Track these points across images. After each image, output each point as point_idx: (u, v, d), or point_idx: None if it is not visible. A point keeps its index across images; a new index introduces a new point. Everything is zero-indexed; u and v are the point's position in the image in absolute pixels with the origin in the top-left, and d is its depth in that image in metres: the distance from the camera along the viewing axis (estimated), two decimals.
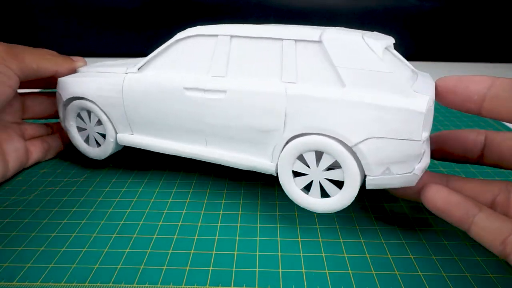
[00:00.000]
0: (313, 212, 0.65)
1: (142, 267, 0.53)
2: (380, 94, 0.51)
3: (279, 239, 0.59)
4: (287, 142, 0.57)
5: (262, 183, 0.74)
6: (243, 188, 0.72)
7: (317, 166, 0.56)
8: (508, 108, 0.50)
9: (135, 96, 0.67)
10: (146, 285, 0.50)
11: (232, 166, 0.66)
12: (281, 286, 0.50)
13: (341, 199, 0.55)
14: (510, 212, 0.52)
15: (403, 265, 0.54)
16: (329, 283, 0.51)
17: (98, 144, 0.76)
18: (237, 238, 0.59)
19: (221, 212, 0.65)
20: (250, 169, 0.62)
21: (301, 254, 0.56)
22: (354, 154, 0.53)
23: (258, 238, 0.59)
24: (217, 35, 0.61)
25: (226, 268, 0.53)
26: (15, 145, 0.74)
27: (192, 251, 0.56)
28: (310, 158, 0.56)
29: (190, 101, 0.62)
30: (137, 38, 1.82)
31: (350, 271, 0.53)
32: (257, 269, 0.53)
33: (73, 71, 0.77)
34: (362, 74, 0.52)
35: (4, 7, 1.75)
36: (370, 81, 0.52)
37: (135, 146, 0.71)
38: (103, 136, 0.75)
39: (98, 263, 0.54)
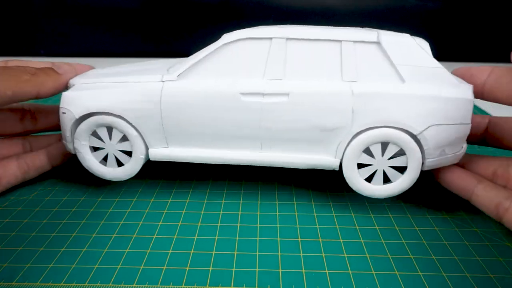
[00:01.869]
0: (312, 213, 0.65)
1: (142, 267, 0.53)
2: (435, 87, 0.59)
3: (279, 239, 0.59)
4: (352, 138, 0.60)
5: (262, 183, 0.74)
6: (243, 188, 0.72)
7: (382, 156, 0.61)
8: (503, 92, 0.58)
9: (177, 106, 0.61)
10: (146, 285, 0.50)
11: (289, 167, 0.66)
12: (281, 286, 0.50)
13: (402, 183, 0.62)
14: (509, 184, 0.60)
15: (403, 265, 0.54)
16: (329, 283, 0.51)
17: (119, 164, 0.68)
18: (237, 238, 0.59)
19: (221, 212, 0.65)
20: (309, 168, 0.64)
21: (301, 254, 0.56)
22: (418, 141, 0.60)
23: (258, 238, 0.59)
24: (271, 38, 0.61)
25: (226, 268, 0.53)
26: None
27: (192, 251, 0.56)
28: (376, 149, 0.61)
29: (247, 107, 0.60)
30: (137, 38, 1.82)
31: (350, 271, 0.53)
32: (257, 269, 0.53)
33: (61, 86, 0.66)
34: (418, 70, 0.60)
35: (4, 7, 1.75)
36: (425, 76, 0.59)
37: (170, 160, 0.66)
38: (127, 153, 0.67)
39: (98, 263, 0.54)
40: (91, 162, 0.66)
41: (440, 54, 1.83)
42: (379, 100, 0.58)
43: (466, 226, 0.62)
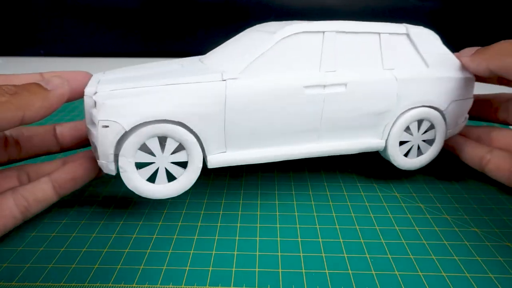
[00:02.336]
0: (312, 213, 0.65)
1: (142, 267, 0.53)
2: (451, 69, 0.69)
3: (279, 239, 0.59)
4: (396, 119, 0.67)
5: (262, 183, 0.74)
6: (243, 188, 0.72)
7: (418, 132, 0.70)
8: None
9: (243, 105, 0.58)
10: (146, 285, 0.50)
11: (343, 154, 0.68)
12: (281, 286, 0.50)
13: (432, 153, 0.72)
14: (491, 145, 0.73)
15: (403, 265, 0.54)
16: (329, 283, 0.51)
17: (170, 178, 0.60)
18: (237, 238, 0.59)
19: (221, 212, 0.65)
20: (360, 151, 0.68)
21: (301, 254, 0.56)
22: (443, 116, 0.70)
23: (258, 238, 0.59)
24: (323, 32, 0.62)
25: (226, 268, 0.53)
26: None
27: (192, 251, 0.56)
28: (414, 127, 0.69)
29: (310, 100, 0.61)
30: (137, 38, 1.82)
31: (350, 271, 0.53)
32: (257, 269, 0.53)
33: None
34: (437, 57, 0.69)
35: (4, 6, 1.75)
36: (441, 61, 0.69)
37: (227, 165, 0.61)
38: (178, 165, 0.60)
39: (98, 263, 0.54)
40: (139, 181, 0.57)
41: None
42: (415, 84, 0.66)
43: (466, 226, 0.62)
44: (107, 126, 0.54)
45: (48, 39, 1.82)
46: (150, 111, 0.54)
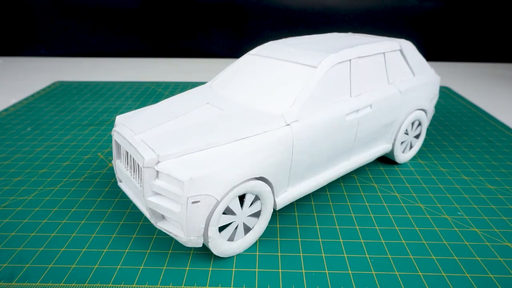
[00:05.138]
0: (312, 213, 0.65)
1: (141, 267, 0.53)
2: (427, 74, 0.82)
3: (279, 239, 0.59)
4: (400, 125, 0.76)
5: None
6: None
7: (412, 130, 0.81)
8: None
9: (305, 145, 0.59)
10: (146, 285, 0.50)
11: (365, 164, 0.77)
12: (281, 286, 0.50)
13: (418, 146, 0.84)
14: None
15: (403, 265, 0.54)
16: (329, 283, 0.51)
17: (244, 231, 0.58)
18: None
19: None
20: (375, 158, 0.76)
21: (301, 254, 0.56)
22: (426, 113, 0.82)
23: (258, 238, 0.59)
24: (350, 60, 0.67)
25: (226, 269, 0.53)
26: None
27: (192, 251, 0.56)
28: (409, 128, 0.80)
29: (349, 125, 0.65)
30: (137, 38, 1.82)
31: (350, 271, 0.53)
32: (257, 269, 0.53)
33: None
34: (418, 65, 0.80)
35: (3, 6, 1.75)
36: (421, 68, 0.81)
37: (287, 204, 0.61)
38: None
39: (98, 263, 0.54)
40: (224, 245, 0.54)
41: (440, 54, 1.83)
42: (410, 92, 0.76)
43: (466, 226, 0.62)
44: (198, 201, 0.49)
45: (49, 38, 1.82)
46: (236, 174, 0.51)
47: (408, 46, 0.79)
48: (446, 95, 1.30)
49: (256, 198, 0.56)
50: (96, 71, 1.61)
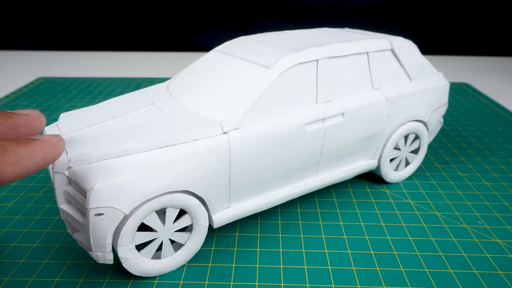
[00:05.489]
0: (315, 209, 0.70)
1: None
2: (430, 79, 0.77)
3: (280, 235, 0.64)
4: (388, 138, 0.73)
5: None
6: None
7: (405, 146, 0.76)
8: None
9: (248, 156, 0.57)
10: (144, 280, 0.56)
11: (340, 181, 0.73)
12: (282, 282, 0.55)
13: (418, 161, 0.79)
14: None
15: (409, 262, 0.59)
16: (332, 280, 0.56)
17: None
18: (237, 234, 0.64)
19: None
20: (357, 175, 0.74)
21: (303, 250, 0.61)
22: (426, 126, 0.77)
23: (258, 235, 0.64)
24: (317, 60, 0.63)
25: (226, 264, 0.58)
26: None
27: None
28: (401, 142, 0.75)
29: (311, 136, 0.62)
30: (135, 37, 1.86)
31: (353, 268, 0.58)
32: (257, 265, 0.58)
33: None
34: (418, 68, 0.76)
35: (3, 6, 1.81)
36: (422, 71, 0.76)
37: (232, 221, 0.61)
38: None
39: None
40: (145, 264, 0.54)
41: (440, 47, 1.85)
42: (402, 100, 0.72)
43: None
44: (102, 214, 0.48)
45: (31, 32, 1.86)
46: (151, 186, 0.49)
47: (404, 46, 0.74)
48: (466, 92, 1.31)
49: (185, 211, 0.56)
50: (83, 66, 1.64)
